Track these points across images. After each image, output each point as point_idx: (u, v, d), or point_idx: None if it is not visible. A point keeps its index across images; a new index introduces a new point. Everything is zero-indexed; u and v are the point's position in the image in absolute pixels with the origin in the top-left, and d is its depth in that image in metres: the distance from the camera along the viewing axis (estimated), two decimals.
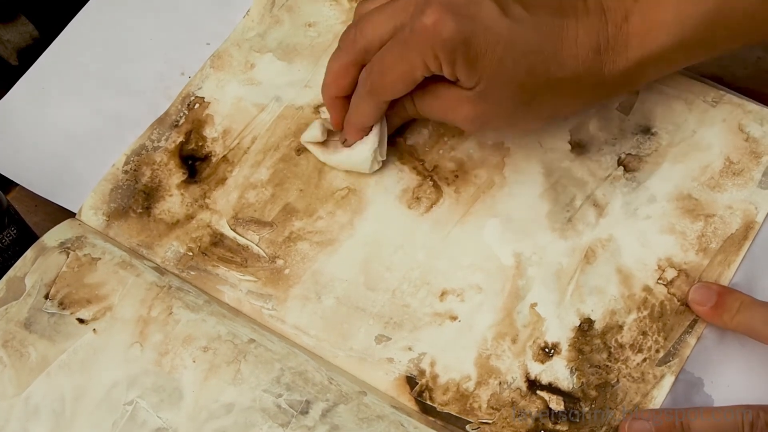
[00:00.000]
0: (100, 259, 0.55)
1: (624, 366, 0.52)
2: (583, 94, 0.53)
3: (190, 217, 0.58)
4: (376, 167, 0.57)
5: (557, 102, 0.53)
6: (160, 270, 0.56)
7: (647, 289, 0.53)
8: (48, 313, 0.54)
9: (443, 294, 0.54)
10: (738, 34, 0.52)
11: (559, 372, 0.52)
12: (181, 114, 0.61)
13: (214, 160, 0.60)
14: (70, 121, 0.62)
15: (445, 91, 0.52)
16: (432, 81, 0.52)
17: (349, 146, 0.57)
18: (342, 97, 0.55)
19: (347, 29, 0.54)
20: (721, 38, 0.52)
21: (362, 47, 0.52)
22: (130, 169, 0.60)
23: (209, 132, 0.60)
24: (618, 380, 0.51)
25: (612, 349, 0.52)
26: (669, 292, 0.53)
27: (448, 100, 0.52)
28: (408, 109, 0.55)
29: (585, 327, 0.53)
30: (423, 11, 0.49)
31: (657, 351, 0.52)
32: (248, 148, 0.60)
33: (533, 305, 0.54)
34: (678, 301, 0.53)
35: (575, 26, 0.51)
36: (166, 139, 0.60)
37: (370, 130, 0.56)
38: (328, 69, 0.55)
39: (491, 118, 0.53)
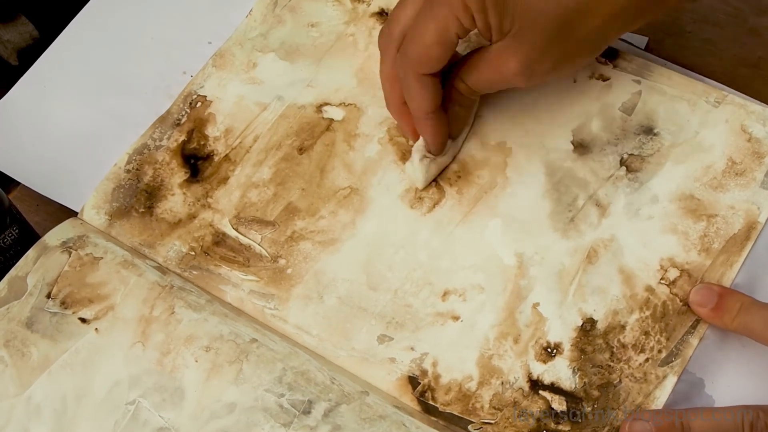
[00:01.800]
0: (102, 258, 0.55)
1: (626, 366, 0.52)
2: (618, 15, 0.51)
3: (192, 217, 0.58)
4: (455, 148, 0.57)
5: (595, 28, 0.51)
6: (162, 269, 0.56)
7: (649, 289, 0.53)
8: (50, 312, 0.54)
9: (445, 294, 0.54)
10: None
11: (561, 372, 0.52)
12: (183, 113, 0.61)
13: (216, 159, 0.60)
14: (72, 120, 0.62)
15: (485, 55, 0.52)
16: (471, 54, 0.52)
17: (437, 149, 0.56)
18: (405, 103, 0.55)
19: (384, 29, 0.53)
20: None
21: (398, 36, 0.52)
22: (132, 168, 0.60)
23: (211, 131, 0.60)
24: (620, 380, 0.51)
25: (614, 349, 0.52)
26: (671, 293, 0.53)
27: (492, 62, 0.52)
28: (461, 90, 0.54)
29: (587, 327, 0.53)
30: None
31: (659, 351, 0.52)
32: (250, 147, 0.60)
33: (535, 305, 0.54)
34: (680, 301, 0.53)
35: None
36: (168, 138, 0.60)
37: (437, 113, 0.54)
38: (382, 77, 0.55)
39: (537, 62, 0.51)
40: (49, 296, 0.54)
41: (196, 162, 0.60)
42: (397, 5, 0.54)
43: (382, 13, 0.63)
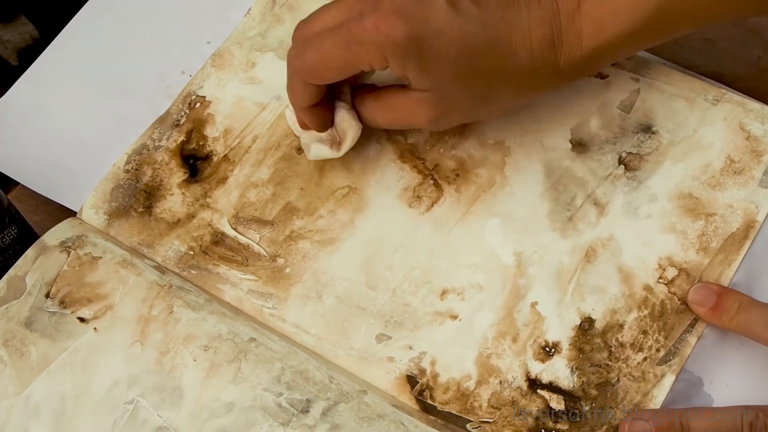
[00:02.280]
0: (100, 258, 0.55)
1: (624, 365, 0.52)
2: (540, 85, 0.52)
3: (191, 216, 0.58)
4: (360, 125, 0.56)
5: (515, 94, 0.52)
6: (160, 269, 0.56)
7: (648, 288, 0.53)
8: (49, 312, 0.54)
9: (444, 293, 0.54)
10: (691, 18, 0.52)
11: (559, 371, 0.52)
12: (182, 113, 0.61)
13: (215, 159, 0.60)
14: (71, 120, 0.62)
15: (399, 100, 0.52)
16: (382, 90, 0.52)
17: (307, 130, 0.56)
18: (310, 106, 0.54)
19: (292, 54, 0.52)
20: (674, 22, 0.52)
21: (312, 77, 0.51)
22: (132, 168, 0.60)
23: (210, 131, 0.60)
24: (618, 379, 0.51)
25: (612, 348, 0.52)
26: (669, 291, 0.53)
27: (405, 109, 0.52)
28: (366, 119, 0.55)
29: (585, 326, 0.53)
30: (375, 9, 0.48)
31: (657, 350, 0.52)
32: (249, 147, 0.60)
33: (534, 304, 0.54)
34: (678, 300, 0.53)
35: (527, 18, 0.50)
36: (167, 139, 0.60)
37: (314, 108, 0.54)
38: (289, 89, 0.54)
39: (450, 115, 0.52)
40: (47, 296, 0.54)
41: (195, 162, 0.60)
42: (305, 29, 0.52)
43: None
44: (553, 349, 0.52)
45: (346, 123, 0.55)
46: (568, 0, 0.50)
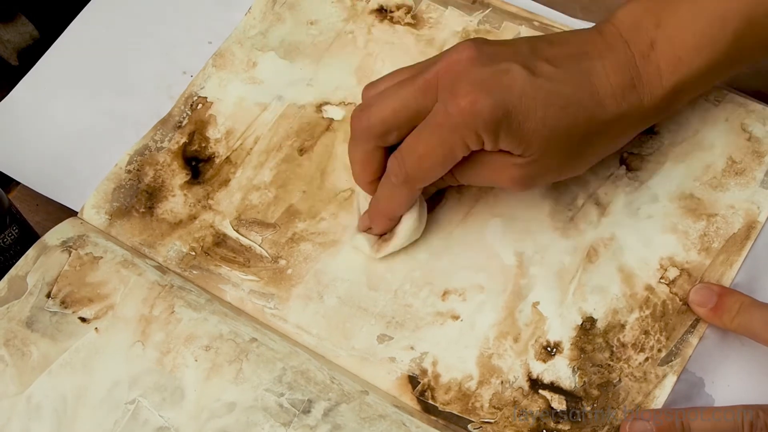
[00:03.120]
0: (101, 257, 0.55)
1: (626, 365, 0.52)
2: (629, 130, 0.52)
3: (193, 218, 0.58)
4: (419, 234, 0.56)
5: (607, 144, 0.52)
6: (162, 269, 0.56)
7: (649, 288, 0.53)
8: (50, 311, 0.54)
9: (445, 294, 0.54)
10: (766, 47, 0.52)
11: (561, 371, 0.52)
12: (184, 115, 0.61)
13: (217, 161, 0.59)
14: (72, 120, 0.62)
15: (488, 160, 0.51)
16: (472, 153, 0.51)
17: (379, 234, 0.55)
18: (377, 179, 0.53)
19: (357, 113, 0.51)
20: (751, 50, 0.52)
21: (379, 132, 0.51)
22: (133, 169, 0.60)
23: (212, 133, 0.60)
24: (620, 379, 0.51)
25: (614, 349, 0.52)
26: (671, 292, 0.53)
27: (493, 169, 0.51)
28: (447, 181, 0.54)
29: (587, 326, 0.53)
30: (454, 93, 0.48)
31: (659, 350, 0.52)
32: (251, 149, 0.60)
33: (535, 304, 0.54)
34: (680, 300, 0.53)
35: (603, 66, 0.50)
36: (170, 140, 0.60)
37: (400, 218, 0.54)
38: (353, 159, 0.53)
39: (541, 175, 0.52)
40: (49, 296, 0.54)
41: (197, 164, 0.60)
42: (372, 89, 0.52)
43: (381, 10, 0.63)
44: (554, 349, 0.52)
45: (413, 214, 0.54)
46: (641, 42, 0.50)
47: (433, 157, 0.49)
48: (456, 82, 0.48)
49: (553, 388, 0.51)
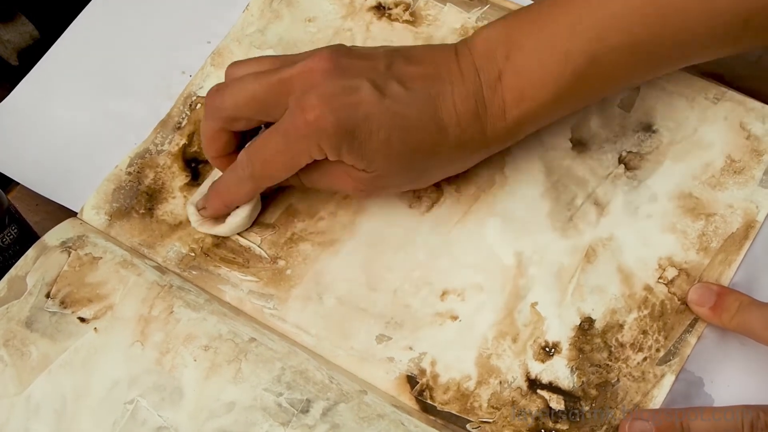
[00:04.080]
0: (101, 258, 0.55)
1: (624, 365, 0.52)
2: (469, 156, 0.54)
3: None
4: (245, 228, 0.57)
5: (446, 167, 0.54)
6: (161, 269, 0.56)
7: (648, 288, 0.53)
8: (49, 312, 0.54)
9: (444, 294, 0.54)
10: (610, 83, 0.53)
11: (559, 371, 0.52)
12: (184, 115, 0.61)
13: None
14: (72, 120, 0.62)
15: (332, 168, 0.52)
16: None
17: (209, 216, 0.57)
18: (224, 155, 0.55)
19: (213, 91, 0.53)
20: (594, 87, 0.52)
21: (228, 116, 0.52)
22: (134, 170, 0.60)
23: None
24: (618, 379, 0.51)
25: (612, 348, 0.52)
26: (669, 292, 0.53)
27: (336, 176, 0.52)
28: (292, 182, 0.54)
29: (585, 326, 0.53)
30: (302, 104, 0.49)
31: (657, 350, 0.52)
32: None
33: (534, 304, 0.54)
34: (678, 300, 0.53)
35: (451, 93, 0.51)
36: (170, 142, 0.60)
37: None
38: (202, 132, 0.54)
39: (384, 187, 0.54)
40: (48, 296, 0.54)
41: (197, 165, 0.60)
42: (235, 70, 0.53)
43: (379, 7, 0.63)
44: (553, 350, 0.52)
45: (246, 208, 0.56)
46: (490, 72, 0.51)
47: (279, 161, 0.51)
48: (306, 93, 0.49)
49: (552, 388, 0.52)
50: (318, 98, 0.49)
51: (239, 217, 0.56)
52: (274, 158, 0.51)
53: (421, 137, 0.51)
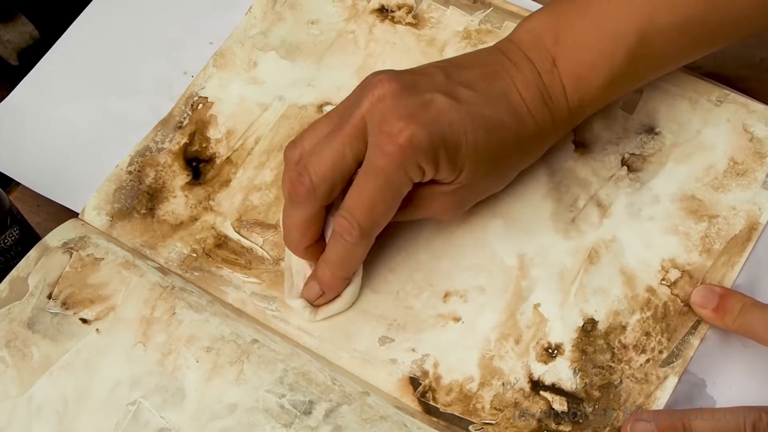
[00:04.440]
0: (103, 259, 0.55)
1: (627, 367, 0.52)
2: (543, 143, 0.54)
3: (194, 219, 0.58)
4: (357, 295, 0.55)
5: (524, 160, 0.54)
6: (163, 270, 0.56)
7: (651, 290, 0.53)
8: (51, 313, 0.54)
9: (446, 295, 0.54)
10: (663, 62, 0.53)
11: (562, 372, 0.52)
12: (185, 115, 0.61)
13: (218, 161, 0.59)
14: (73, 121, 0.62)
15: (421, 193, 0.51)
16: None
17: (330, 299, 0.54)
18: (315, 243, 0.52)
19: (294, 177, 0.50)
20: (647, 67, 0.53)
21: (324, 191, 0.49)
22: (134, 170, 0.59)
23: (213, 133, 0.60)
24: (621, 381, 0.51)
25: (615, 350, 0.52)
26: (672, 293, 0.53)
27: (426, 200, 0.51)
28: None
29: (588, 327, 0.53)
30: (388, 131, 0.48)
31: (660, 352, 0.52)
32: (252, 149, 0.60)
33: (536, 306, 0.54)
34: (681, 302, 0.53)
35: (513, 85, 0.51)
36: (170, 141, 0.60)
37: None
38: (291, 226, 0.51)
39: (469, 200, 0.53)
40: (50, 297, 0.54)
41: (198, 165, 0.60)
42: (297, 148, 0.51)
43: (382, 10, 0.63)
44: (555, 351, 0.52)
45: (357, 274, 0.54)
46: (543, 60, 0.51)
47: (383, 201, 0.49)
48: (385, 120, 0.48)
49: (555, 389, 0.51)
50: (401, 119, 0.48)
51: (354, 285, 0.54)
52: (377, 202, 0.49)
53: (504, 133, 0.50)
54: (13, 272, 0.55)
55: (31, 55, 0.66)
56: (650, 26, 0.51)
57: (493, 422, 0.51)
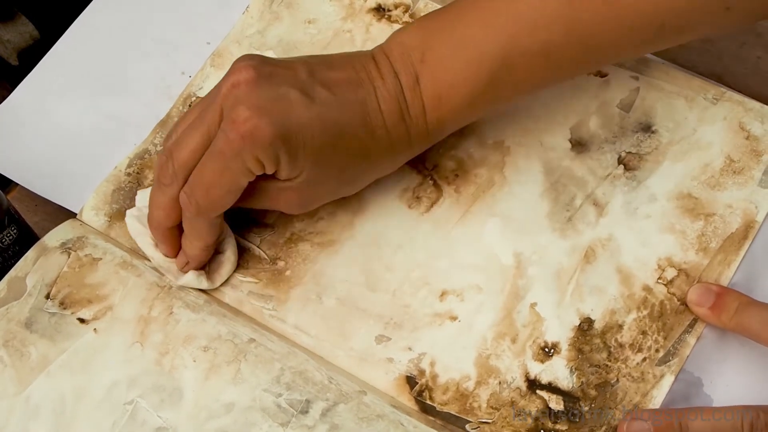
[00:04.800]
0: (101, 259, 0.55)
1: (624, 365, 0.52)
2: (397, 158, 0.54)
3: None
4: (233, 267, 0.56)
5: (377, 170, 0.54)
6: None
7: (647, 288, 0.53)
8: (49, 312, 0.54)
9: (443, 294, 0.54)
10: (525, 86, 0.53)
11: (558, 371, 0.52)
12: None
13: None
14: (72, 121, 0.62)
15: (264, 186, 0.51)
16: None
17: (195, 269, 0.54)
18: (174, 227, 0.53)
19: (161, 159, 0.51)
20: (509, 88, 0.52)
21: (183, 175, 0.50)
22: (133, 171, 0.60)
23: None
24: (618, 380, 0.51)
25: (612, 349, 0.52)
26: (669, 292, 0.53)
27: (269, 194, 0.52)
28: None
29: (585, 326, 0.53)
30: (234, 118, 0.48)
31: (657, 351, 0.52)
32: None
33: (533, 305, 0.54)
34: (678, 300, 0.53)
35: (375, 95, 0.51)
36: None
37: (214, 247, 0.54)
38: (154, 203, 0.52)
39: (315, 198, 0.54)
40: (48, 297, 0.54)
41: None
42: (174, 133, 0.52)
43: (379, 9, 0.63)
44: (552, 350, 0.52)
45: (228, 247, 0.55)
46: (407, 75, 0.51)
47: (220, 185, 0.49)
48: (236, 107, 0.48)
49: (551, 388, 0.52)
50: (249, 109, 0.48)
51: (230, 243, 0.55)
52: (214, 185, 0.49)
53: (353, 141, 0.51)
54: (11, 272, 0.55)
55: (31, 55, 0.66)
56: (512, 50, 0.50)
57: (490, 421, 0.51)
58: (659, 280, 0.53)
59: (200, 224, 0.52)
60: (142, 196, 0.56)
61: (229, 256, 0.55)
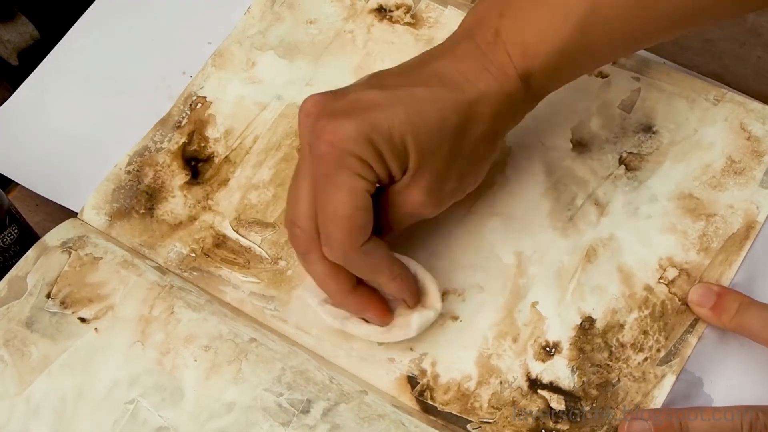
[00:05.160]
0: (101, 258, 0.55)
1: (625, 365, 0.52)
2: (495, 111, 0.50)
3: (192, 219, 0.58)
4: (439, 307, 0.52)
5: (483, 131, 0.50)
6: (161, 269, 0.56)
7: (648, 288, 0.53)
8: (50, 312, 0.54)
9: (444, 294, 0.54)
10: (615, 37, 0.50)
11: (560, 371, 0.52)
12: (184, 114, 0.61)
13: (216, 161, 0.59)
14: (72, 121, 0.62)
15: (390, 198, 0.49)
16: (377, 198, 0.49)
17: (415, 300, 0.52)
18: (357, 286, 0.50)
19: (289, 236, 0.50)
20: (603, 40, 0.50)
21: (315, 232, 0.48)
22: (133, 169, 0.60)
23: (211, 132, 0.60)
24: (619, 379, 0.51)
25: (613, 348, 0.52)
26: (670, 292, 0.53)
27: (397, 203, 0.49)
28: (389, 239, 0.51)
29: (586, 326, 0.53)
30: (316, 135, 0.47)
31: (658, 350, 0.52)
32: (250, 148, 0.60)
33: (534, 304, 0.54)
34: (679, 300, 0.53)
35: (447, 61, 0.49)
36: (169, 141, 0.60)
37: (406, 269, 0.51)
38: (318, 279, 0.50)
39: (440, 185, 0.50)
40: (48, 296, 0.54)
41: (197, 164, 0.60)
42: (289, 200, 0.50)
43: (380, 10, 0.63)
44: (553, 349, 0.52)
45: (426, 278, 0.52)
46: (485, 33, 0.49)
47: (344, 205, 0.47)
48: (313, 127, 0.47)
49: (552, 388, 0.52)
50: (326, 119, 0.47)
51: (430, 286, 0.52)
52: (337, 208, 0.47)
53: (439, 103, 0.48)
54: (12, 271, 0.55)
55: (31, 55, 0.66)
56: None
57: (491, 421, 0.51)
58: (660, 280, 0.53)
59: (366, 260, 0.49)
60: (308, 285, 0.52)
61: (424, 276, 0.52)
